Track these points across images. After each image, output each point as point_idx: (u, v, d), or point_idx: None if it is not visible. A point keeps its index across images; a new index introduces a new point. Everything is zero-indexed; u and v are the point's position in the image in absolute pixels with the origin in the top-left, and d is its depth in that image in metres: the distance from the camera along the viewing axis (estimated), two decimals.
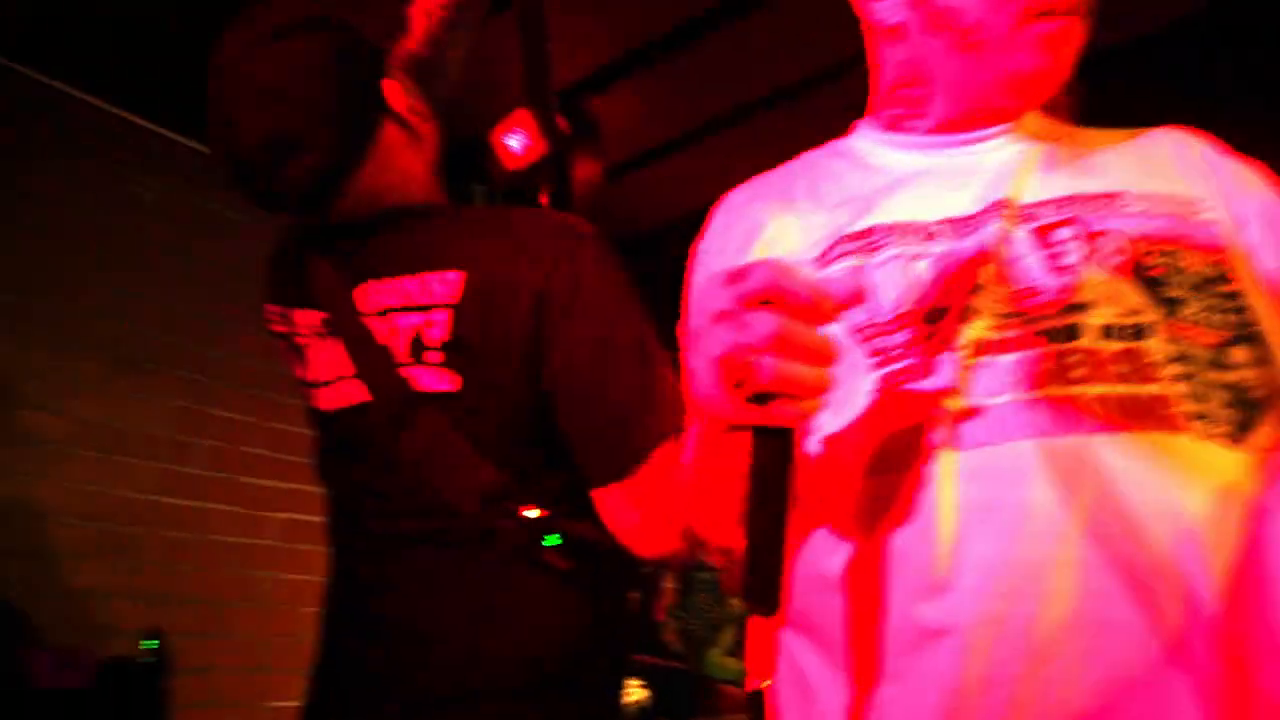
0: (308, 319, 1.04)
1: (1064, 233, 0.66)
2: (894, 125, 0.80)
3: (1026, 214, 0.68)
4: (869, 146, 0.81)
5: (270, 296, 1.11)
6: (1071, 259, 0.64)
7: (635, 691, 2.32)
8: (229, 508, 2.80)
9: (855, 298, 0.59)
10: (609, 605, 0.96)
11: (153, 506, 2.62)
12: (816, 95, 3.24)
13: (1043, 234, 0.67)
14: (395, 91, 0.97)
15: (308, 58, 0.91)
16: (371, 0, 0.99)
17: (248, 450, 2.89)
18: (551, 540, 0.87)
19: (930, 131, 0.78)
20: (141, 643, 1.65)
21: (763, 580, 0.53)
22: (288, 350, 1.10)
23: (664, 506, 0.86)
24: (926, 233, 0.69)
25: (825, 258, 0.70)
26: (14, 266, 2.44)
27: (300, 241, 1.05)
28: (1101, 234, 0.65)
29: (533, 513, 0.87)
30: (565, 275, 0.88)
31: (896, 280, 0.66)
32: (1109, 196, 0.69)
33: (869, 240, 0.70)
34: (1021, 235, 0.66)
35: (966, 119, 0.76)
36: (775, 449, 0.54)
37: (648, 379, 0.88)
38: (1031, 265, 0.65)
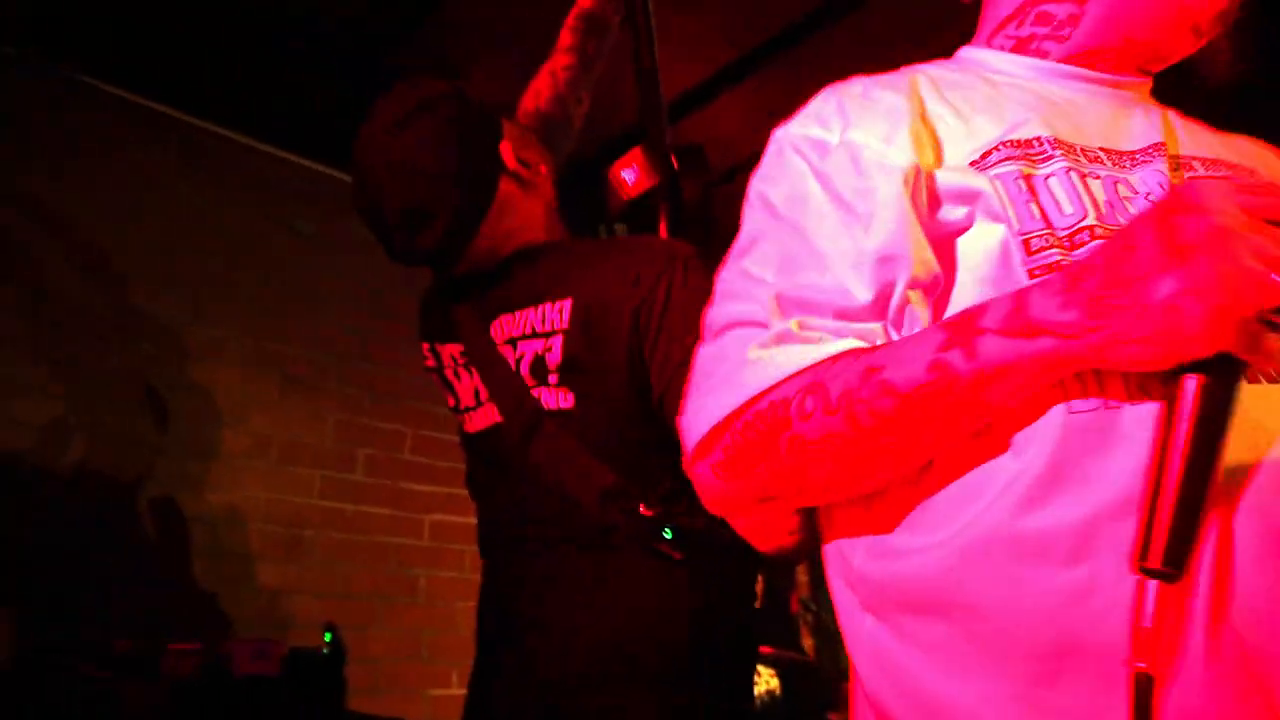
0: (451, 352, 1.17)
1: None
2: (1022, 47, 0.77)
3: (1184, 162, 0.67)
4: (993, 63, 0.78)
5: (422, 334, 1.26)
6: None
7: (766, 680, 2.36)
8: (387, 511, 3.04)
9: None
10: (729, 594, 1.01)
11: (320, 511, 2.88)
12: None
13: None
14: (510, 151, 1.09)
15: (433, 137, 1.04)
16: (500, 70, 1.11)
17: (400, 457, 3.13)
18: (666, 533, 0.94)
19: (1064, 60, 0.75)
20: (324, 635, 1.85)
21: (1179, 540, 0.48)
22: (439, 383, 1.24)
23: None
24: (1091, 155, 0.67)
25: (985, 162, 0.66)
26: (203, 299, 2.75)
27: (444, 286, 1.19)
28: None
29: (647, 509, 0.94)
30: (659, 293, 0.95)
31: (1069, 193, 0.63)
32: (1246, 169, 0.69)
33: (1034, 150, 0.66)
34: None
35: (1108, 54, 0.74)
36: (1227, 392, 0.49)
37: None
38: None
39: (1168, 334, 0.49)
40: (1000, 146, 0.66)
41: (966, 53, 0.82)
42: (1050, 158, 0.65)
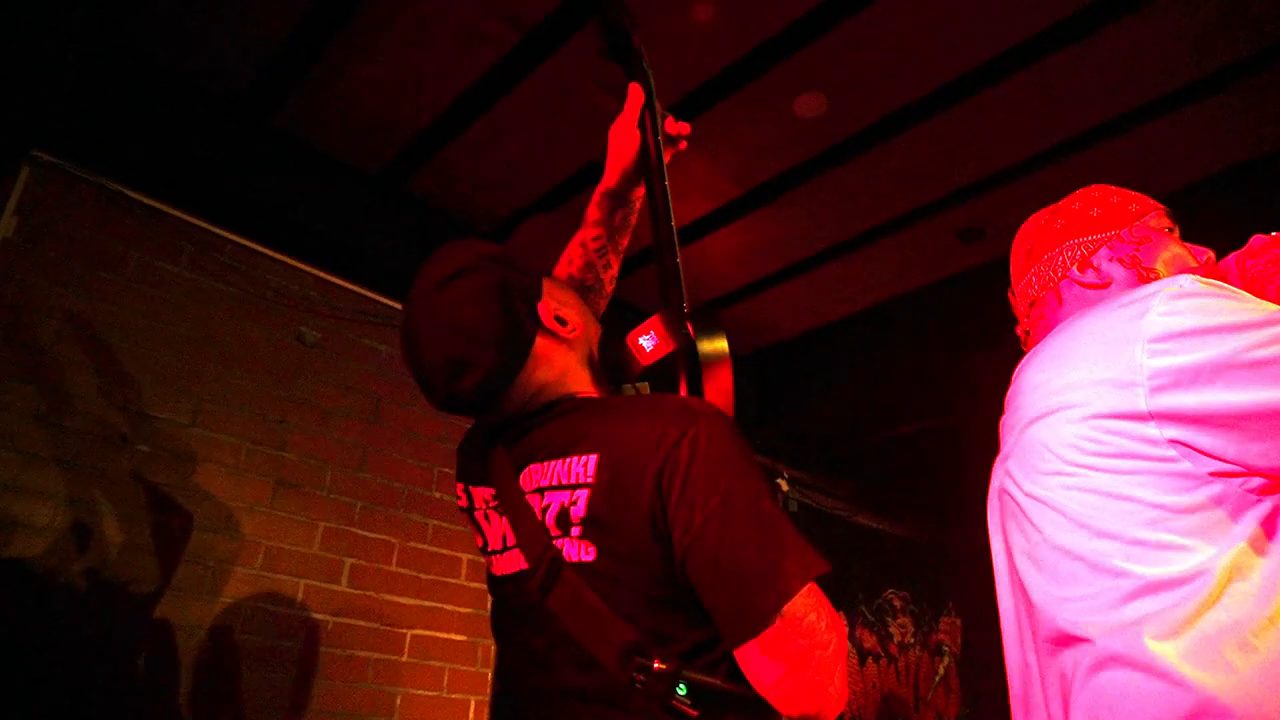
0: (484, 495, 1.21)
1: None
2: None
3: None
4: None
5: (459, 475, 1.31)
6: None
7: None
8: (367, 624, 2.99)
9: None
10: None
11: (301, 622, 2.83)
12: (912, 229, 3.39)
13: None
14: (548, 311, 1.16)
15: (475, 296, 1.11)
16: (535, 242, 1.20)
17: (384, 568, 3.09)
18: (681, 688, 0.93)
19: None
20: None
21: None
22: (469, 523, 1.27)
23: (807, 662, 0.89)
24: None
25: None
26: (203, 403, 2.78)
27: (482, 432, 1.24)
28: None
29: (662, 664, 0.93)
30: (682, 451, 0.97)
31: None
32: None
33: None
34: None
35: None
36: None
37: (767, 537, 0.93)
38: None
39: None
40: None
41: None
42: None
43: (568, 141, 3.06)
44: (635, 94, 1.36)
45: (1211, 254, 1.21)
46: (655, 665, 0.93)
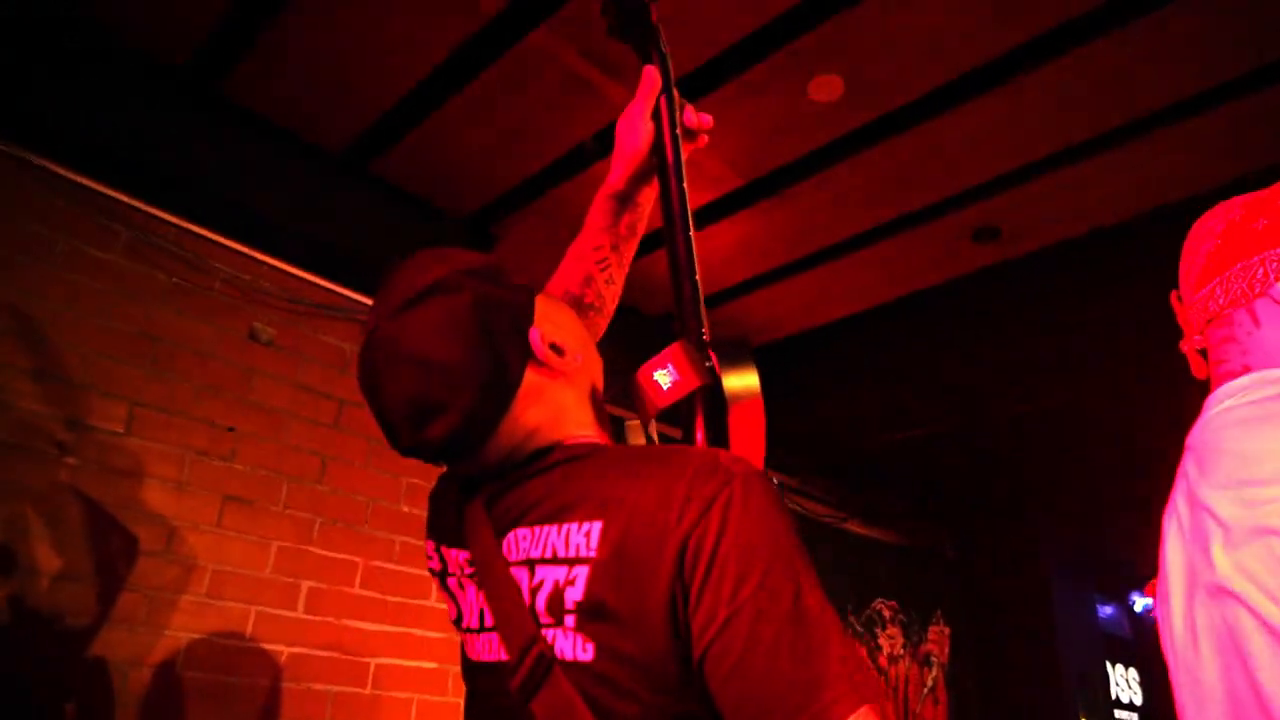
0: (459, 560, 0.97)
1: None
2: None
3: None
4: None
5: (429, 532, 1.06)
6: None
7: None
8: (326, 653, 2.70)
9: None
10: None
11: (251, 654, 2.53)
12: (923, 227, 3.19)
13: None
14: (541, 339, 0.92)
15: (447, 322, 0.87)
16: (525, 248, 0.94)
17: (346, 591, 2.80)
18: None
19: None
20: None
21: None
22: (440, 588, 1.01)
23: None
24: None
25: None
26: (139, 408, 2.46)
27: (458, 480, 0.98)
28: None
29: None
30: (711, 523, 0.75)
31: None
32: None
33: None
34: None
35: None
36: None
37: (812, 642, 0.72)
38: None
39: None
40: None
41: None
42: None
43: (551, 123, 2.77)
44: (649, 79, 1.13)
45: None
46: None
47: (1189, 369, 1.10)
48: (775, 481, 0.82)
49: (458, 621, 0.98)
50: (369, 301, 3.01)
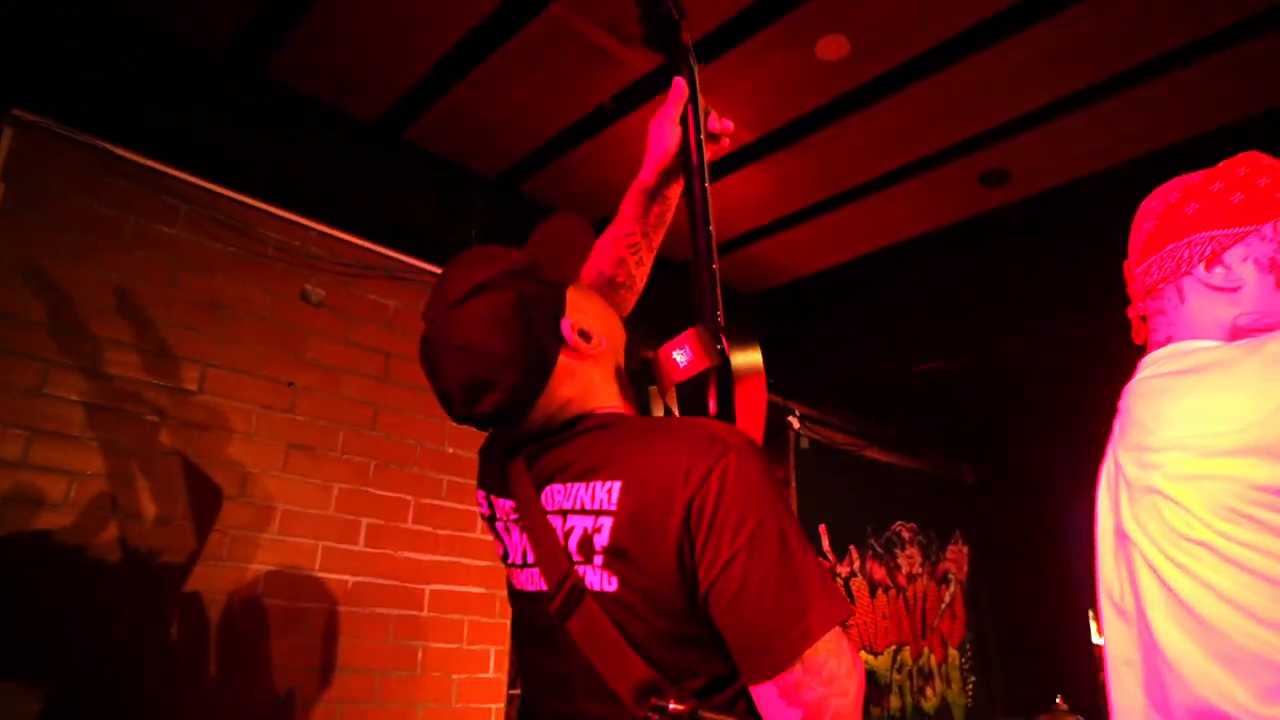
0: (505, 506, 1.18)
1: None
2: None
3: None
4: None
5: (480, 483, 1.27)
6: None
7: None
8: (385, 581, 3.01)
9: None
10: None
11: (320, 583, 2.85)
12: (933, 172, 3.28)
13: None
14: (571, 327, 1.11)
15: (494, 316, 1.05)
16: (558, 240, 1.13)
17: (401, 526, 3.10)
18: None
19: None
20: None
21: None
22: (490, 530, 1.24)
23: (823, 710, 0.88)
24: None
25: None
26: (208, 369, 2.73)
27: (502, 443, 1.20)
28: None
29: (678, 704, 0.92)
30: (711, 484, 0.94)
31: None
32: None
33: None
34: None
35: None
36: None
37: (794, 578, 0.92)
38: None
39: None
40: None
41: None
42: None
43: (569, 90, 2.92)
44: (679, 89, 1.29)
45: None
46: (671, 706, 0.92)
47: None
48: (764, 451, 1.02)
49: (505, 558, 1.20)
50: (410, 260, 3.25)
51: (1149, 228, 1.19)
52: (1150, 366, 1.16)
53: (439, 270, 3.34)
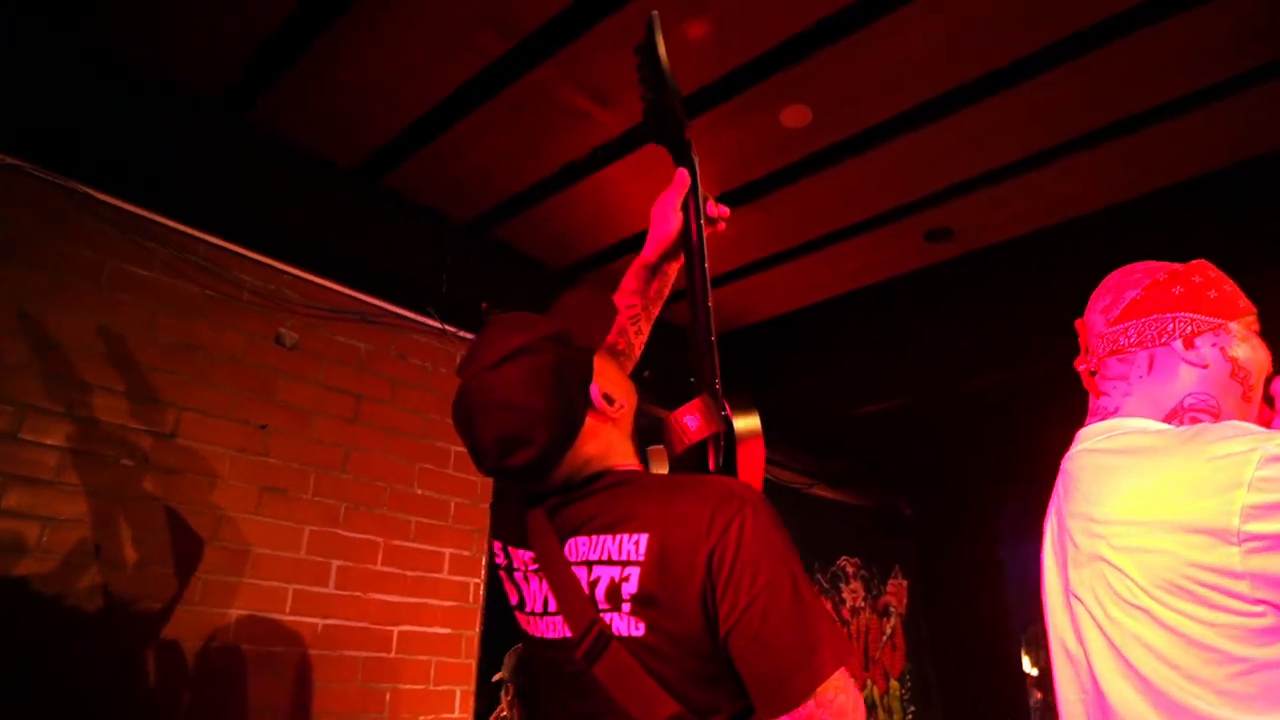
0: (524, 557, 1.26)
1: None
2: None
3: None
4: None
5: (495, 533, 1.35)
6: None
7: None
8: (354, 623, 3.03)
9: None
10: None
11: (290, 626, 2.85)
12: (882, 229, 3.50)
13: None
14: (598, 391, 1.21)
15: (533, 378, 1.15)
16: (579, 311, 1.25)
17: (370, 568, 3.12)
18: None
19: None
20: None
21: None
22: (506, 580, 1.32)
23: None
24: None
25: None
26: (183, 412, 2.73)
27: (521, 496, 1.29)
28: None
29: None
30: (730, 538, 1.05)
31: None
32: None
33: None
34: None
35: None
36: None
37: (806, 622, 1.02)
38: None
39: None
40: None
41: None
42: None
43: (545, 145, 3.05)
44: (681, 179, 1.41)
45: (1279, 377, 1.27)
46: None
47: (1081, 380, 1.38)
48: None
49: (519, 606, 1.27)
50: (381, 304, 3.30)
51: (1134, 295, 1.29)
52: (1091, 440, 1.28)
53: (410, 314, 3.43)
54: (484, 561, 3.43)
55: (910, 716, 5.48)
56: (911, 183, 3.23)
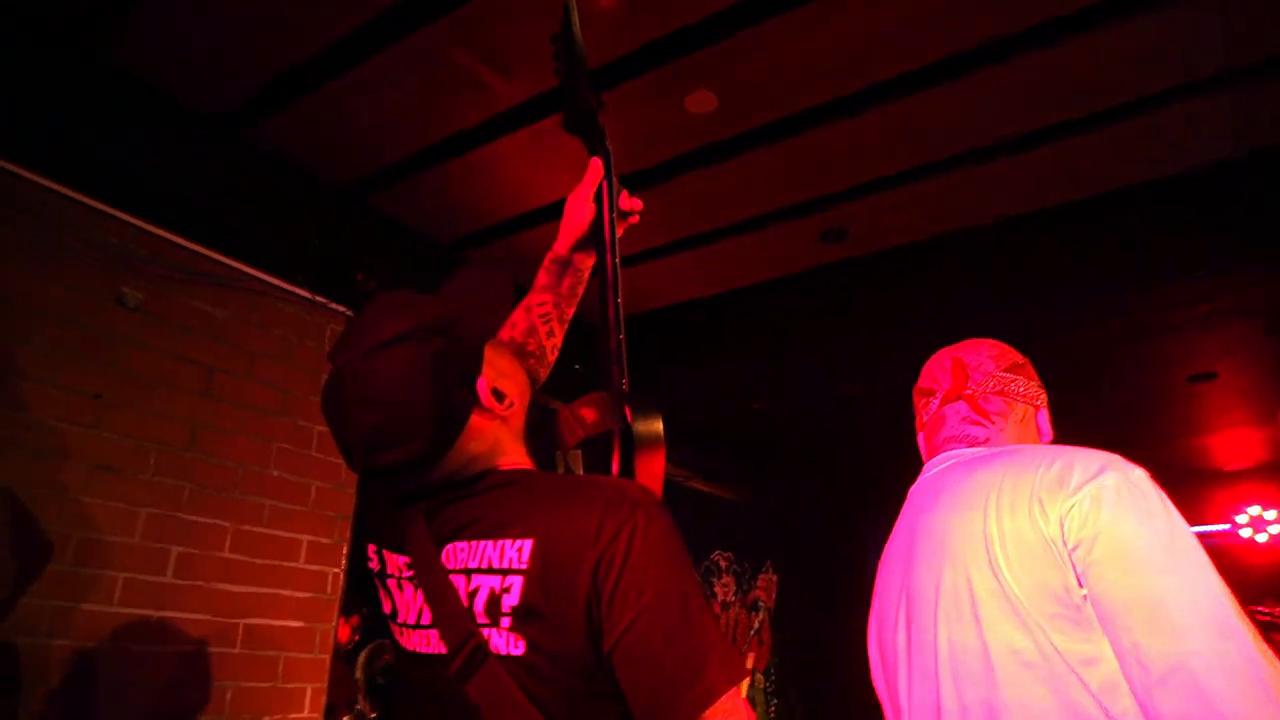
0: (398, 562, 1.12)
1: None
2: None
3: None
4: None
5: (369, 535, 1.20)
6: None
7: None
8: (195, 616, 2.75)
9: None
10: None
11: (118, 619, 2.55)
12: (777, 226, 3.49)
13: None
14: (486, 387, 1.09)
15: (409, 370, 1.02)
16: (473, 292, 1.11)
17: (216, 555, 2.85)
18: None
19: None
20: None
21: None
22: (379, 586, 1.17)
23: None
24: None
25: None
26: None
27: (398, 494, 1.14)
28: None
29: None
30: (619, 547, 0.96)
31: None
32: None
33: None
34: None
35: None
36: None
37: (695, 638, 0.94)
38: None
39: None
40: None
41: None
42: None
43: (432, 111, 2.85)
44: (595, 168, 1.34)
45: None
46: None
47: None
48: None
49: (392, 616, 1.14)
50: (243, 268, 3.01)
51: (1019, 359, 1.51)
52: (940, 466, 1.44)
53: (275, 280, 3.14)
54: (345, 551, 3.20)
55: (773, 710, 5.58)
56: (812, 180, 3.21)
